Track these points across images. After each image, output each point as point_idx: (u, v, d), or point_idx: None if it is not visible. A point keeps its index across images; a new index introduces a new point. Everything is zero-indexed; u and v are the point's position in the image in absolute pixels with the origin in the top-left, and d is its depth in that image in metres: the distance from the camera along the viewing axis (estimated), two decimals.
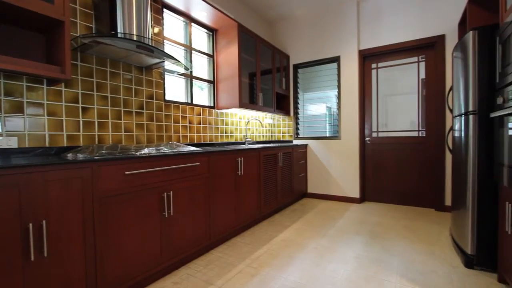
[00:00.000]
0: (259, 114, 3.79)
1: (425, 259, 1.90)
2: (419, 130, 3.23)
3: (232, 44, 2.85)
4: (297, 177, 3.57)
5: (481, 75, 1.70)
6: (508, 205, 1.40)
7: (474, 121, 1.73)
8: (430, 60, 3.14)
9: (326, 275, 1.71)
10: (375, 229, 2.53)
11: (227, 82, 2.90)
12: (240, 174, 2.39)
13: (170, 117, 2.40)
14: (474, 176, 1.74)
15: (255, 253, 2.05)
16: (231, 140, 3.25)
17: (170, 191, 1.68)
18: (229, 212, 2.25)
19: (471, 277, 1.66)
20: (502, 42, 1.49)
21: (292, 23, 3.96)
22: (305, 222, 2.76)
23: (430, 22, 3.06)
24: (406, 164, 3.31)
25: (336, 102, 3.67)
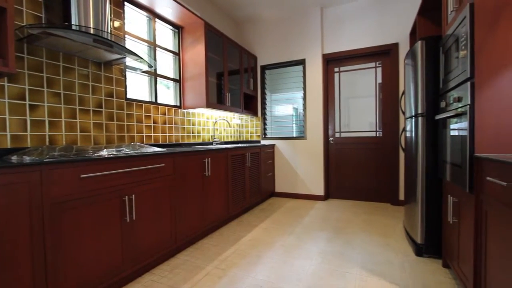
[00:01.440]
0: (227, 114, 3.77)
1: (382, 251, 2.05)
2: (377, 130, 3.47)
3: (199, 43, 2.79)
4: (265, 176, 3.62)
5: (428, 81, 1.89)
6: (450, 198, 1.56)
7: (422, 122, 1.91)
8: (385, 66, 3.40)
9: (293, 271, 1.76)
10: (338, 224, 2.66)
11: (194, 81, 2.84)
12: (207, 175, 2.35)
13: (132, 117, 2.28)
14: (422, 173, 1.92)
15: (223, 254, 2.04)
16: (198, 140, 3.19)
17: (132, 194, 1.60)
18: (196, 214, 2.21)
19: (420, 264, 1.83)
20: (445, 52, 1.67)
21: (259, 25, 4.00)
22: (273, 221, 2.81)
23: (385, 31, 3.30)
24: (366, 162, 3.53)
25: (302, 103, 3.80)
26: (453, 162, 1.50)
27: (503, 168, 1.02)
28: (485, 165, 1.17)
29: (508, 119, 1.21)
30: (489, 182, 1.13)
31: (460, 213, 1.47)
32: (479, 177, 1.23)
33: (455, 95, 1.45)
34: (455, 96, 1.45)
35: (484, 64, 1.24)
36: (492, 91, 1.23)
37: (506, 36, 1.20)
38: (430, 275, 1.69)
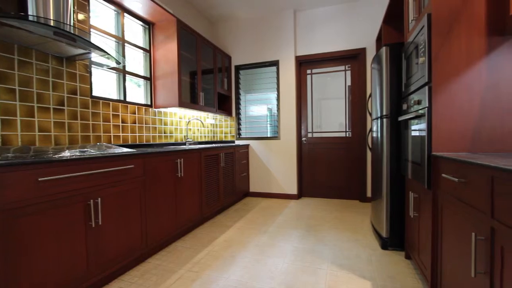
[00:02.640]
0: (200, 114, 3.71)
1: (351, 246, 2.15)
2: (346, 131, 3.63)
3: (171, 40, 2.72)
4: (240, 177, 3.62)
5: (392, 84, 2.01)
6: (411, 194, 1.68)
7: (387, 123, 2.03)
8: (354, 69, 3.56)
9: (266, 270, 1.78)
10: (310, 222, 2.74)
11: (166, 79, 2.76)
12: (180, 176, 2.29)
13: (98, 116, 2.16)
14: (387, 171, 2.04)
15: (196, 257, 2.00)
16: (171, 140, 3.10)
17: (98, 198, 1.51)
18: (168, 216, 2.14)
19: (386, 257, 1.94)
20: (407, 58, 1.79)
21: (234, 25, 3.99)
22: (247, 221, 2.82)
23: (354, 36, 3.46)
24: (337, 162, 3.68)
25: (276, 104, 3.85)
26: (414, 161, 1.62)
27: (455, 165, 1.12)
28: (440, 163, 1.28)
29: (459, 121, 1.33)
30: (444, 178, 1.24)
31: (420, 207, 1.58)
32: (435, 174, 1.34)
33: (415, 98, 1.57)
34: (415, 99, 1.56)
35: (440, 70, 1.35)
36: (446, 95, 1.34)
37: (459, 45, 1.32)
38: (394, 266, 1.80)
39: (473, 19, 1.29)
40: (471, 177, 0.99)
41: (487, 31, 1.27)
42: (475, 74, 1.29)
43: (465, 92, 1.31)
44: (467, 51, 1.30)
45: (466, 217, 1.05)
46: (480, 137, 1.30)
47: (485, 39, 1.27)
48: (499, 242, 0.83)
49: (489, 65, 1.27)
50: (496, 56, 1.26)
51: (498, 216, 0.84)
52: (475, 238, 0.94)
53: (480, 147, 1.30)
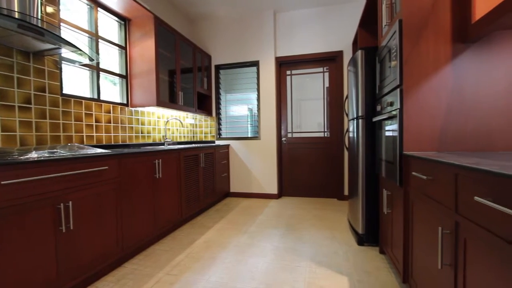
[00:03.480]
0: (179, 114, 3.64)
1: (329, 243, 2.20)
2: (325, 131, 3.72)
3: (148, 37, 2.64)
4: (220, 177, 3.59)
5: (367, 86, 2.09)
6: (385, 192, 1.76)
7: (362, 124, 2.10)
8: (332, 71, 3.66)
9: (246, 270, 1.78)
10: (290, 221, 2.78)
11: (143, 78, 2.68)
12: (158, 177, 2.23)
13: (69, 115, 2.05)
14: (362, 169, 2.12)
15: (175, 259, 1.96)
16: (149, 141, 3.02)
17: (69, 201, 1.44)
18: (146, 218, 2.08)
19: (362, 253, 2.02)
20: (380, 61, 1.87)
21: (214, 24, 3.96)
22: (227, 222, 2.80)
23: (332, 39, 3.56)
24: (315, 161, 3.76)
25: (256, 104, 3.86)
26: (387, 160, 1.69)
27: (423, 164, 1.19)
28: (411, 161, 1.35)
29: (428, 122, 1.41)
30: (414, 176, 1.31)
31: (393, 204, 1.66)
32: (406, 172, 1.41)
33: (388, 100, 1.64)
34: (388, 101, 1.64)
35: (410, 73, 1.42)
36: (416, 98, 1.42)
37: (427, 51, 1.40)
38: (369, 261, 1.87)
39: (439, 26, 1.38)
40: (438, 174, 1.06)
41: (452, 38, 1.36)
42: (442, 78, 1.38)
43: (433, 94, 1.39)
44: (435, 56, 1.39)
45: (433, 212, 1.11)
46: (446, 137, 1.39)
47: (450, 46, 1.36)
48: (463, 235, 0.90)
49: (454, 70, 1.36)
50: (459, 62, 1.35)
51: (461, 211, 0.90)
52: (441, 232, 1.00)
53: (446, 146, 1.39)
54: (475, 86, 1.34)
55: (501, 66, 1.31)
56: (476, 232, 0.81)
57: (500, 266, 0.70)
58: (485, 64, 1.33)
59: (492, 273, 0.74)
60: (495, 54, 1.31)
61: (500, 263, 0.70)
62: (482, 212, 0.78)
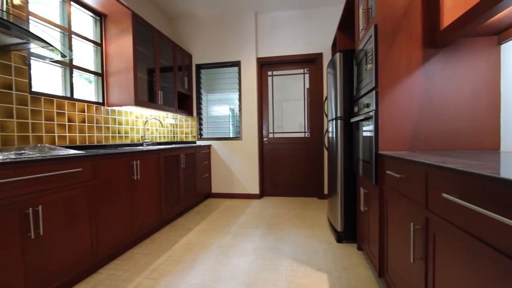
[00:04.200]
0: (159, 114, 3.55)
1: (309, 241, 2.25)
2: (305, 131, 3.79)
3: (126, 34, 2.55)
4: (201, 178, 3.55)
5: (345, 88, 2.15)
6: (362, 190, 1.82)
7: (341, 125, 2.17)
8: (312, 73, 3.73)
9: (228, 271, 1.77)
10: (271, 221, 2.80)
11: (120, 76, 2.58)
12: (136, 178, 2.17)
13: (39, 114, 1.94)
14: (341, 169, 2.18)
15: (154, 263, 1.91)
16: (126, 141, 2.92)
17: (38, 206, 1.36)
18: (123, 222, 2.01)
19: (340, 250, 2.07)
20: (357, 64, 1.94)
21: (194, 23, 3.90)
22: (209, 223, 2.78)
23: (312, 41, 3.63)
24: (297, 161, 3.81)
25: (238, 104, 3.86)
26: (364, 159, 1.75)
27: (397, 163, 1.24)
28: (385, 161, 1.40)
29: (401, 123, 1.47)
30: (388, 175, 1.36)
31: (369, 202, 1.72)
32: (382, 171, 1.47)
33: (365, 101, 1.70)
34: (365, 103, 1.70)
35: (385, 76, 1.48)
36: (390, 99, 1.48)
37: (400, 54, 1.46)
38: (348, 258, 1.93)
39: (412, 32, 1.45)
40: (410, 173, 1.11)
41: (423, 43, 1.44)
42: (414, 81, 1.45)
43: (405, 97, 1.46)
44: (407, 60, 1.46)
45: (406, 209, 1.17)
46: (418, 138, 1.46)
47: (421, 50, 1.44)
48: (432, 231, 0.95)
49: (424, 74, 1.44)
50: (430, 66, 1.43)
51: (431, 207, 0.95)
52: (413, 227, 1.05)
53: (418, 146, 1.46)
54: (443, 89, 1.43)
55: (466, 71, 1.40)
56: (444, 227, 0.86)
57: (465, 259, 0.75)
58: (452, 68, 1.41)
59: (459, 265, 0.79)
60: (461, 60, 1.40)
61: (465, 256, 0.75)
62: (449, 208, 0.83)
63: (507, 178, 0.56)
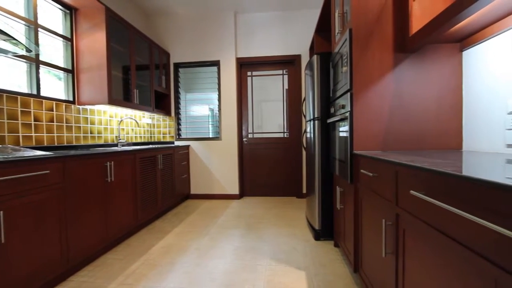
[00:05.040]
0: (135, 113, 3.44)
1: (288, 240, 2.28)
2: (284, 132, 3.84)
3: (98, 30, 2.44)
4: (180, 179, 3.48)
5: (322, 89, 2.21)
6: (338, 189, 1.88)
7: (318, 125, 2.22)
8: (291, 74, 3.79)
9: (207, 273, 1.75)
10: (251, 221, 2.81)
11: (92, 73, 2.47)
12: (110, 180, 2.08)
13: (1, 112, 1.80)
14: (319, 168, 2.23)
15: (130, 268, 1.84)
16: (99, 141, 2.79)
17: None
18: (96, 226, 1.92)
19: (318, 247, 2.12)
20: (334, 66, 2.00)
21: (172, 20, 3.81)
22: (187, 225, 2.73)
23: (291, 43, 3.69)
24: (276, 161, 3.85)
25: (217, 104, 3.82)
26: (340, 159, 1.81)
27: (370, 162, 1.30)
28: (359, 160, 1.46)
29: (373, 123, 1.54)
30: (362, 173, 1.42)
31: (345, 200, 1.78)
32: (356, 170, 1.52)
33: (341, 103, 1.76)
34: (340, 104, 1.75)
35: (359, 79, 1.54)
36: (364, 101, 1.54)
37: (373, 58, 1.53)
38: (325, 255, 1.98)
39: (384, 37, 1.52)
40: (382, 171, 1.16)
41: (393, 48, 1.51)
42: (385, 84, 1.52)
43: (378, 99, 1.53)
44: (380, 63, 1.52)
45: (378, 206, 1.22)
46: (389, 137, 1.53)
47: (392, 55, 1.51)
48: (402, 226, 1.00)
49: (395, 77, 1.51)
50: (400, 70, 1.51)
51: (401, 204, 1.00)
52: (385, 223, 1.10)
53: (389, 146, 1.54)
54: (412, 92, 1.51)
55: (432, 75, 1.49)
56: (413, 222, 0.91)
57: (432, 252, 0.80)
58: (420, 73, 1.50)
59: (426, 258, 0.84)
60: (428, 65, 1.49)
61: (431, 249, 0.80)
62: (417, 204, 0.88)
63: (468, 175, 0.61)
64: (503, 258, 0.53)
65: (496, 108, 1.24)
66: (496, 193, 0.55)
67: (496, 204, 0.54)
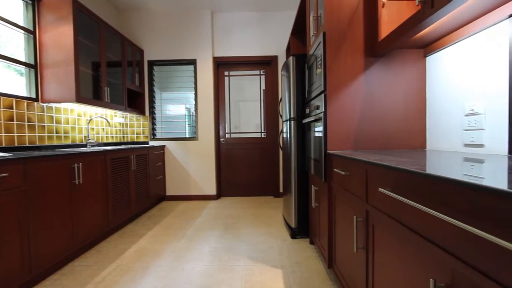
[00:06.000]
0: (106, 112, 3.28)
1: (265, 239, 2.30)
2: (262, 132, 3.87)
3: (65, 23, 2.30)
4: (154, 180, 3.37)
5: (298, 90, 2.26)
6: (313, 187, 1.93)
7: (294, 125, 2.26)
8: (268, 74, 3.83)
9: (183, 276, 1.72)
10: (228, 221, 2.79)
11: (58, 69, 2.32)
12: (78, 183, 1.97)
13: None
14: (295, 168, 2.28)
15: (100, 274, 1.76)
16: (66, 142, 2.62)
17: None
18: (62, 232, 1.80)
19: (295, 245, 2.16)
20: (309, 68, 2.04)
21: (147, 16, 3.69)
22: (163, 227, 2.65)
23: (268, 44, 3.72)
24: (253, 161, 3.87)
25: (194, 103, 3.76)
26: (315, 158, 1.86)
27: (342, 161, 1.35)
28: (333, 159, 1.51)
29: (346, 124, 1.60)
30: (335, 172, 1.47)
31: (320, 199, 1.83)
32: (330, 169, 1.57)
33: (315, 103, 1.80)
34: (315, 105, 1.80)
35: (332, 80, 1.59)
36: (337, 102, 1.60)
37: (345, 61, 1.59)
38: (301, 252, 2.03)
39: (355, 41, 1.58)
40: (353, 170, 1.21)
41: (364, 52, 1.58)
42: (357, 86, 1.59)
43: (350, 100, 1.59)
44: (352, 66, 1.59)
45: (350, 204, 1.27)
46: (361, 137, 1.60)
47: (363, 58, 1.58)
48: (372, 222, 1.05)
49: (366, 80, 1.58)
50: (370, 73, 1.58)
51: (370, 201, 1.05)
52: (356, 220, 1.15)
53: (361, 145, 1.61)
54: (381, 94, 1.59)
55: (399, 79, 1.58)
56: (381, 218, 0.96)
57: (398, 245, 0.85)
58: (388, 76, 1.58)
59: (393, 252, 0.89)
60: (396, 69, 1.58)
61: (398, 243, 0.85)
62: (385, 201, 0.92)
63: (429, 173, 0.65)
64: (459, 249, 0.57)
65: (454, 110, 1.34)
66: (454, 189, 0.59)
67: (454, 199, 0.59)
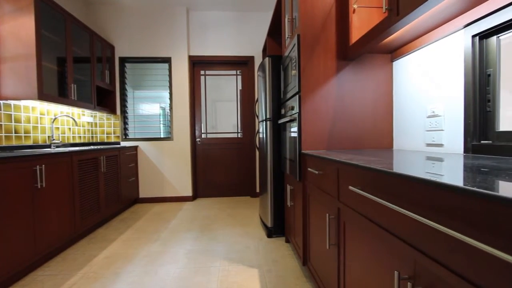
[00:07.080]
0: (73, 111, 3.09)
1: (242, 239, 2.30)
2: (238, 132, 3.86)
3: (25, 14, 2.13)
4: (126, 182, 3.23)
5: (274, 91, 2.28)
6: (288, 187, 1.96)
7: (270, 126, 2.28)
8: (244, 75, 3.83)
9: (157, 280, 1.67)
10: (204, 222, 2.76)
11: (18, 63, 2.14)
12: (40, 186, 1.83)
13: None
14: (270, 167, 2.30)
15: (65, 284, 1.65)
16: (27, 142, 2.43)
17: None
18: (22, 239, 1.67)
19: (271, 244, 2.19)
20: (284, 69, 2.08)
21: (118, 11, 3.53)
22: (135, 231, 2.55)
23: (244, 44, 3.72)
24: (230, 161, 3.85)
25: (169, 103, 3.66)
26: (290, 158, 1.89)
27: (316, 161, 1.39)
28: (307, 159, 1.55)
29: (319, 124, 1.65)
30: (309, 171, 1.51)
31: (295, 197, 1.87)
32: (304, 168, 1.61)
33: (290, 104, 1.84)
34: (290, 105, 1.83)
35: (306, 82, 1.63)
36: (311, 103, 1.64)
37: (318, 63, 1.63)
38: (277, 251, 2.05)
39: (328, 44, 1.63)
40: (326, 169, 1.25)
41: (336, 55, 1.64)
42: (329, 88, 1.64)
43: (323, 101, 1.64)
44: (324, 69, 1.64)
45: (323, 202, 1.31)
46: (333, 138, 1.66)
47: (335, 62, 1.63)
48: (343, 219, 1.09)
49: (338, 82, 1.64)
50: (342, 75, 1.64)
51: (342, 198, 1.09)
52: (328, 217, 1.19)
53: (333, 145, 1.66)
54: (352, 96, 1.66)
55: (369, 82, 1.66)
56: (351, 215, 1.00)
57: (367, 241, 0.89)
58: (358, 79, 1.65)
59: (363, 246, 0.93)
60: (365, 72, 1.66)
61: (366, 238, 0.89)
62: (355, 198, 0.96)
63: (395, 171, 0.69)
64: (420, 242, 0.61)
65: (418, 112, 1.43)
66: (417, 186, 0.63)
67: (417, 196, 0.63)
